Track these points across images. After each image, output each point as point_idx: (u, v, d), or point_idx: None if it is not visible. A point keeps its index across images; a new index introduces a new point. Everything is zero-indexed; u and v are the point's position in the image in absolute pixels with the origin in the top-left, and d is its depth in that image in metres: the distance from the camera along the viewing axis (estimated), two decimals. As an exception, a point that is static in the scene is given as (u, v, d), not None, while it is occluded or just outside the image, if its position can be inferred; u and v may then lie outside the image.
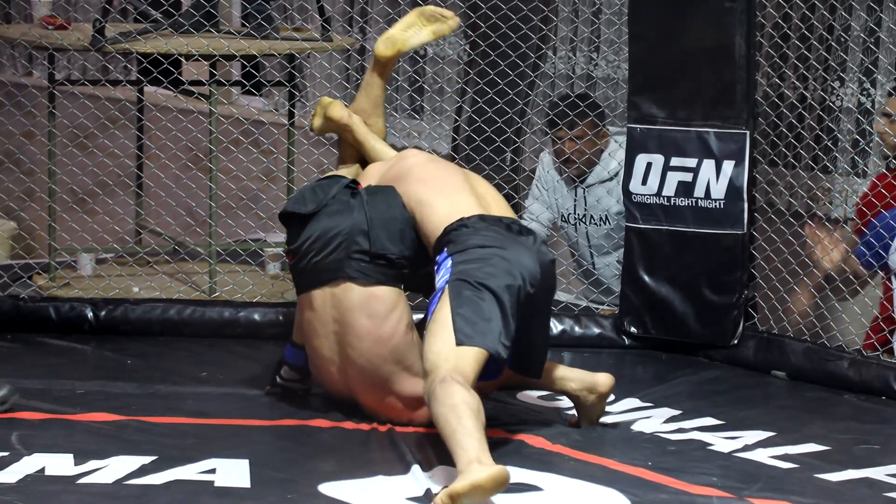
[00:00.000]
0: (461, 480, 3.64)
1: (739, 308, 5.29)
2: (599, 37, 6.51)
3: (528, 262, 4.21)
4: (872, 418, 4.75)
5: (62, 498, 3.72)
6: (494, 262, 4.17)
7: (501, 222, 4.33)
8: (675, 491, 3.93)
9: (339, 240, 4.37)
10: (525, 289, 4.17)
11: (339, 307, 4.35)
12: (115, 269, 5.99)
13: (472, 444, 3.73)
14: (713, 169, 5.27)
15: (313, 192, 4.50)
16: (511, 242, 4.25)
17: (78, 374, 4.88)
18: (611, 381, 4.41)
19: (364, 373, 4.36)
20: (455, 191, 4.43)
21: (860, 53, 5.76)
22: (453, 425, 3.80)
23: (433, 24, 4.83)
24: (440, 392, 3.90)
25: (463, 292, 4.10)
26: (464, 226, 4.28)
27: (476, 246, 4.21)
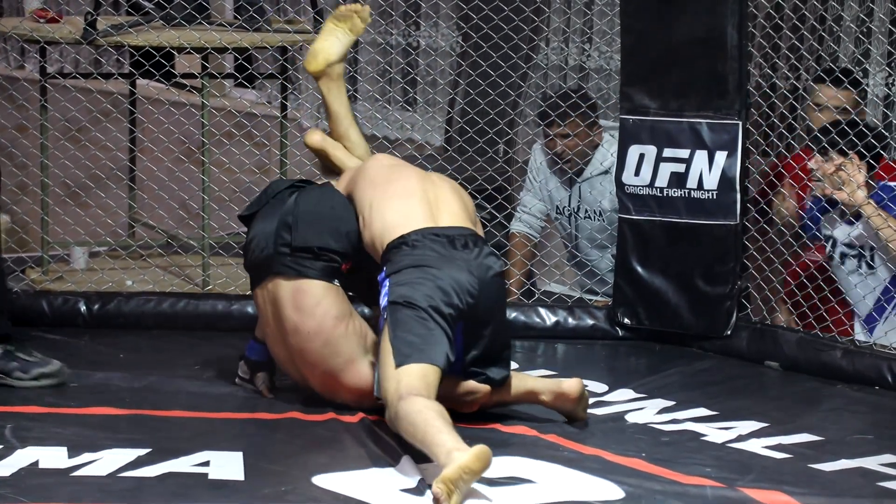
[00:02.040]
0: (448, 468, 3.66)
1: (733, 299, 5.30)
2: (592, 28, 6.51)
3: (461, 278, 4.20)
4: (865, 408, 4.76)
5: (56, 491, 3.71)
6: (426, 280, 4.16)
7: (443, 236, 4.31)
8: (668, 481, 3.94)
9: (270, 236, 4.41)
10: (461, 303, 4.18)
11: (274, 303, 4.41)
12: (109, 262, 5.98)
13: (445, 439, 3.78)
14: (706, 160, 5.27)
15: (262, 193, 4.57)
16: (445, 260, 4.24)
17: (71, 368, 4.86)
18: (578, 385, 4.37)
19: (313, 368, 4.40)
20: (404, 197, 4.40)
21: (851, 43, 5.76)
22: (422, 428, 3.85)
23: (348, 23, 4.87)
24: (401, 410, 3.96)
25: (396, 315, 4.13)
26: (404, 243, 4.27)
27: (410, 266, 4.21)
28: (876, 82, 5.80)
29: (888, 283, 5.21)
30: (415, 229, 4.30)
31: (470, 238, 4.34)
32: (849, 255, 5.28)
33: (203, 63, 5.81)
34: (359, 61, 7.19)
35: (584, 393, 4.41)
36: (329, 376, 4.38)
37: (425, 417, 3.88)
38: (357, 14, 4.86)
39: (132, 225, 6.32)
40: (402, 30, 7.29)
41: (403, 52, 7.22)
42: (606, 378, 4.95)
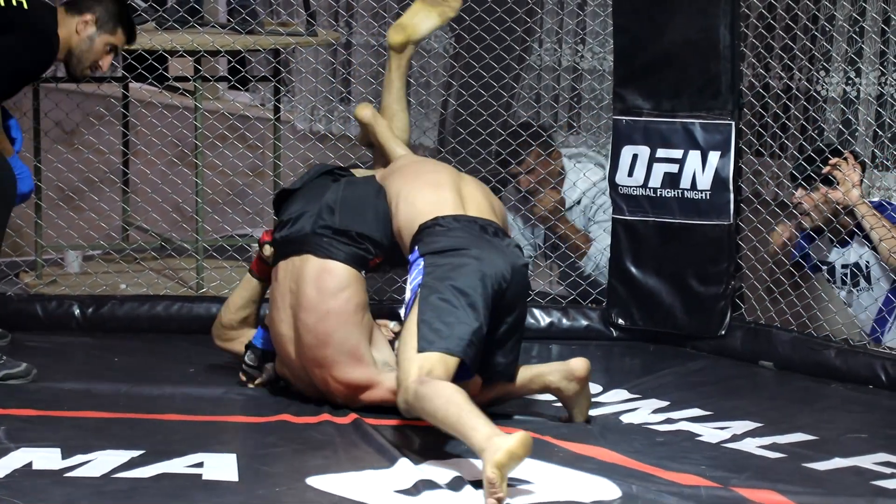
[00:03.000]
0: (496, 453, 3.67)
1: (726, 299, 5.30)
2: (585, 29, 6.51)
3: (498, 263, 4.22)
4: (859, 407, 4.76)
5: (50, 492, 3.71)
6: (464, 262, 4.19)
7: (476, 223, 4.34)
8: (663, 481, 3.93)
9: (310, 215, 4.46)
10: (495, 289, 4.19)
11: (296, 278, 4.42)
12: (102, 265, 5.98)
13: (483, 424, 3.78)
14: (699, 160, 5.28)
15: (304, 174, 4.64)
16: (482, 243, 4.27)
17: (65, 371, 4.88)
18: (585, 364, 4.38)
19: (311, 350, 4.39)
20: (435, 187, 4.46)
21: (844, 43, 5.76)
22: (455, 412, 3.84)
23: (439, 8, 4.97)
24: (424, 391, 3.94)
25: (430, 298, 4.14)
26: (437, 224, 4.31)
27: (447, 248, 4.24)
28: (869, 81, 5.80)
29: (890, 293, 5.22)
30: (446, 214, 4.33)
31: (499, 229, 4.40)
32: (844, 276, 5.29)
33: (196, 66, 5.81)
34: (352, 63, 7.19)
35: (590, 375, 4.39)
36: (328, 361, 4.37)
37: (458, 402, 3.86)
38: (448, 3, 4.96)
39: (126, 228, 6.32)
40: (394, 32, 7.27)
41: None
42: (601, 379, 4.95)
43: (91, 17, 4.81)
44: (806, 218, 5.28)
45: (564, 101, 6.57)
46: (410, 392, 3.99)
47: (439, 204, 4.38)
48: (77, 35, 4.80)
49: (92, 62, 4.86)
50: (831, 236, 5.29)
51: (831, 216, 5.22)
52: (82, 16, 4.81)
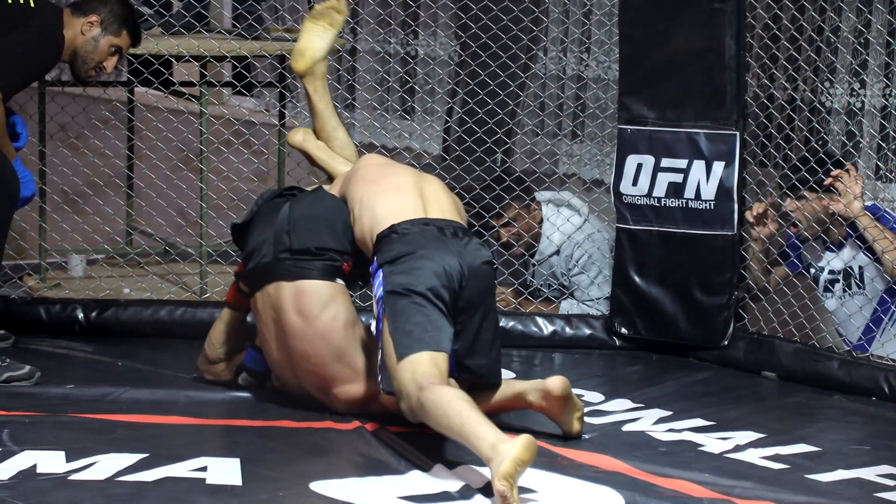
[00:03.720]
0: (502, 464, 3.66)
1: (730, 309, 5.30)
2: (590, 38, 6.52)
3: (451, 261, 4.19)
4: (862, 419, 4.76)
5: (54, 494, 3.72)
6: (418, 265, 4.16)
7: (433, 225, 4.31)
8: (666, 491, 3.93)
9: (269, 242, 4.43)
10: (452, 287, 4.17)
11: (275, 307, 4.41)
12: (106, 269, 5.98)
13: (486, 431, 3.77)
14: (703, 170, 5.28)
15: (253, 204, 4.61)
16: (437, 244, 4.24)
17: (68, 375, 4.88)
18: (561, 383, 4.27)
19: (309, 374, 4.40)
20: (396, 191, 4.41)
21: (849, 55, 5.77)
22: (458, 421, 3.83)
23: (326, 19, 4.89)
24: (426, 400, 3.92)
25: (394, 305, 4.12)
26: (394, 232, 4.27)
27: (401, 254, 4.20)
28: (873, 93, 5.81)
29: (884, 293, 5.22)
30: (405, 219, 4.30)
31: (459, 228, 4.35)
32: (835, 280, 5.30)
33: (202, 71, 5.82)
34: (357, 70, 7.20)
35: (570, 393, 4.30)
36: (329, 381, 4.38)
37: (458, 409, 3.85)
38: (333, 9, 4.88)
39: (130, 232, 6.32)
40: (400, 39, 7.29)
41: (402, 61, 7.23)
42: (603, 388, 4.95)
43: (96, 19, 4.82)
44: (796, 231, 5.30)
45: (569, 109, 6.58)
46: (413, 398, 3.97)
47: (400, 209, 4.34)
48: (82, 36, 4.81)
49: (96, 63, 4.87)
50: (824, 237, 5.29)
51: (825, 219, 5.23)
52: (87, 17, 4.82)
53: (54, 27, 4.77)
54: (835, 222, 5.23)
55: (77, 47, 4.82)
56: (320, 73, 4.87)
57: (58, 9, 4.87)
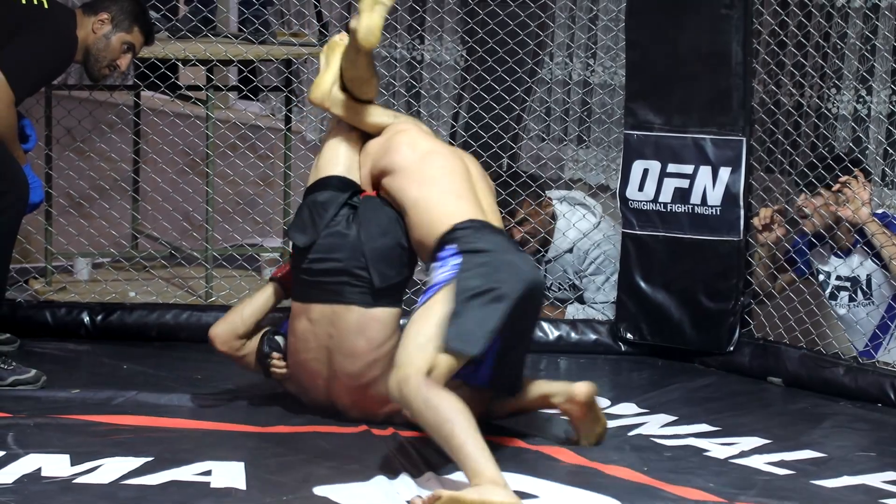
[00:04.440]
0: (474, 493, 3.65)
1: (735, 315, 5.30)
2: (596, 43, 6.52)
3: (528, 272, 4.15)
4: (868, 425, 4.75)
5: (58, 498, 3.72)
6: (501, 267, 4.10)
7: (501, 233, 4.30)
8: (671, 497, 3.93)
9: (339, 271, 4.35)
10: (524, 296, 4.12)
11: (338, 326, 4.36)
12: (112, 273, 5.99)
13: (487, 462, 3.73)
14: (710, 175, 5.28)
15: (311, 219, 4.44)
16: (515, 251, 4.23)
17: (74, 379, 4.88)
18: (587, 388, 4.29)
19: (350, 384, 4.38)
20: (458, 197, 4.32)
21: (856, 61, 5.76)
22: (460, 437, 3.77)
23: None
24: (431, 397, 3.86)
25: (464, 296, 4.03)
26: (471, 227, 4.20)
27: (484, 249, 4.14)
28: (880, 99, 5.80)
29: (892, 300, 5.22)
30: (477, 218, 4.24)
31: (515, 242, 4.35)
32: (842, 287, 5.30)
33: (208, 75, 5.82)
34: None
35: (595, 402, 4.32)
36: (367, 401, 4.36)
37: (465, 426, 3.78)
38: None
39: (136, 236, 6.33)
40: (406, 43, 7.30)
41: (408, 66, 7.23)
42: (609, 393, 4.95)
43: (106, 16, 4.82)
44: (807, 223, 5.28)
45: (575, 115, 6.58)
46: (412, 385, 3.87)
47: (469, 211, 4.26)
48: (93, 34, 4.81)
49: (109, 61, 4.86)
50: (832, 243, 5.28)
51: (833, 224, 5.23)
52: (98, 15, 4.82)
53: (67, 29, 4.78)
54: (843, 228, 5.22)
55: (89, 46, 4.82)
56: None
57: (70, 10, 4.87)
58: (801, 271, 5.40)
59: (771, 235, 5.35)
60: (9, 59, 4.61)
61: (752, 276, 5.37)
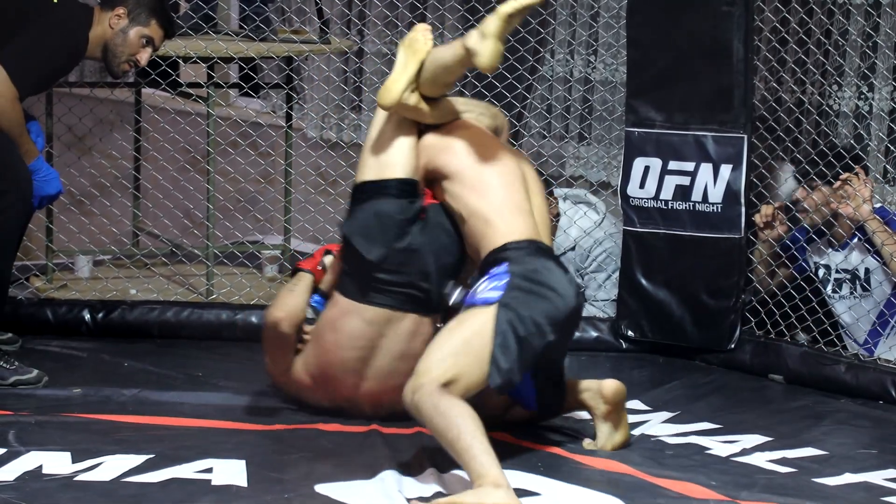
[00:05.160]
0: (472, 497, 3.66)
1: (736, 312, 5.30)
2: (597, 40, 6.51)
3: (572, 298, 4.12)
4: (869, 423, 4.76)
5: (60, 495, 3.72)
6: (548, 297, 4.07)
7: (552, 255, 4.25)
8: (673, 494, 3.94)
9: (406, 284, 4.32)
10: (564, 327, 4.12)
11: (393, 328, 4.34)
12: (113, 270, 5.99)
13: (491, 464, 3.73)
14: (711, 173, 5.28)
15: (380, 230, 4.34)
16: (562, 275, 4.16)
17: (75, 376, 4.88)
18: (615, 385, 4.29)
19: (393, 383, 4.32)
20: (515, 211, 4.26)
21: (857, 58, 5.76)
22: (466, 439, 3.77)
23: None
24: (441, 403, 3.86)
25: (510, 324, 4.00)
26: (525, 248, 4.17)
27: (533, 275, 4.09)
28: (882, 96, 5.80)
29: (892, 296, 5.22)
30: (530, 238, 4.20)
31: (561, 261, 4.30)
32: (842, 281, 5.30)
33: (209, 72, 5.82)
34: (364, 72, 7.20)
35: (621, 403, 4.29)
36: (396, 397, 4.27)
37: (472, 428, 3.79)
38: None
39: (136, 234, 6.32)
40: (407, 41, 7.28)
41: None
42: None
43: (123, 11, 4.78)
44: (806, 217, 5.29)
45: (576, 112, 6.57)
46: (425, 393, 3.88)
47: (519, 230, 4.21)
48: (111, 30, 4.77)
49: (128, 56, 4.81)
50: (832, 239, 5.29)
51: (832, 219, 5.23)
52: (114, 10, 4.78)
53: (76, 26, 4.74)
54: (843, 224, 5.22)
55: (107, 41, 4.77)
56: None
57: (85, 6, 4.84)
58: (801, 269, 5.39)
59: (772, 233, 5.35)
60: (12, 55, 4.59)
61: (753, 273, 5.36)
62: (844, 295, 5.31)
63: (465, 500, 3.66)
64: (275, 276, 6.06)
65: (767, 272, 5.39)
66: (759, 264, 5.37)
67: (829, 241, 5.32)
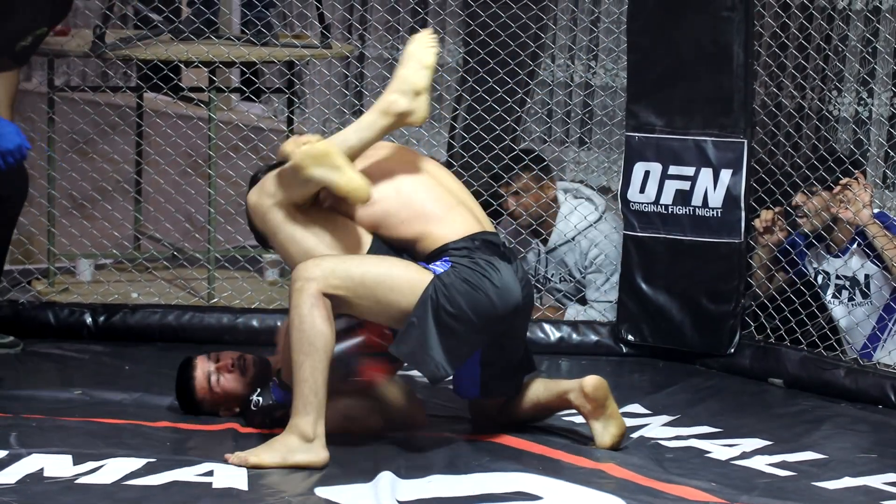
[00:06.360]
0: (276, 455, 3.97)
1: (736, 317, 5.31)
2: (598, 45, 6.53)
3: (513, 294, 4.13)
4: (869, 427, 4.76)
5: (61, 498, 3.72)
6: (483, 289, 4.08)
7: (494, 245, 4.21)
8: (672, 498, 3.94)
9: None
10: (503, 318, 4.13)
11: None
12: (114, 274, 6.00)
13: (308, 413, 3.95)
14: (711, 177, 5.28)
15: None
16: (507, 271, 4.15)
17: (76, 380, 4.89)
18: (594, 380, 4.28)
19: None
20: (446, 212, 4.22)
21: (857, 63, 5.77)
22: (306, 372, 3.94)
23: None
24: (315, 317, 3.94)
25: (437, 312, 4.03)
26: (465, 247, 4.16)
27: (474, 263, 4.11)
28: (881, 102, 5.81)
29: (891, 301, 5.23)
30: (471, 233, 4.17)
31: (506, 246, 4.28)
32: (842, 287, 5.31)
33: (211, 77, 5.83)
34: (365, 76, 7.21)
35: (605, 397, 4.29)
36: None
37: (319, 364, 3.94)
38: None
39: (138, 237, 6.33)
40: (408, 46, 7.29)
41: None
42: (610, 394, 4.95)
43: None
44: (805, 222, 5.29)
45: (577, 117, 6.59)
46: (307, 294, 3.94)
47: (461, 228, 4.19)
48: None
49: None
50: (832, 243, 5.29)
51: (832, 224, 5.24)
52: None
53: None
54: (843, 229, 5.23)
55: None
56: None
57: None
58: (801, 273, 5.40)
59: (772, 238, 5.36)
60: None
61: (752, 277, 5.37)
62: (844, 300, 5.31)
63: (267, 460, 3.94)
64: (276, 280, 6.06)
65: (766, 277, 5.40)
66: (758, 269, 5.38)
67: (828, 247, 5.33)
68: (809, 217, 5.27)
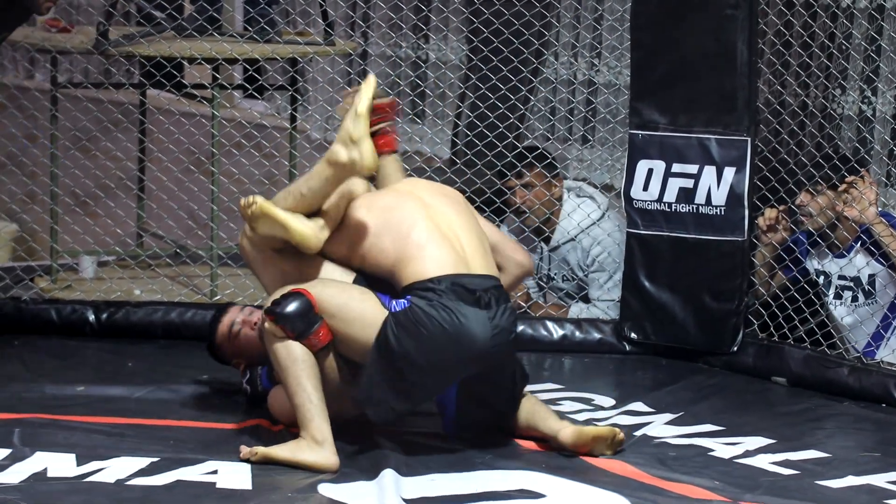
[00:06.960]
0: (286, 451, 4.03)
1: (739, 315, 5.30)
2: (601, 43, 6.52)
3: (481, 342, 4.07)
4: (872, 425, 4.76)
5: (65, 498, 3.72)
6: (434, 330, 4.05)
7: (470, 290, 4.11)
8: (675, 496, 3.94)
9: None
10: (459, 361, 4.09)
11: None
12: (117, 271, 6.00)
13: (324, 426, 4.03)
14: (714, 175, 5.28)
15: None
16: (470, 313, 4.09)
17: (79, 377, 4.88)
18: (571, 437, 4.21)
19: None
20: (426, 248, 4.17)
21: (861, 62, 5.77)
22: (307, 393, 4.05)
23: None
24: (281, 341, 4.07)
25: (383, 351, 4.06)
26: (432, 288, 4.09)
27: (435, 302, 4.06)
28: (886, 100, 5.80)
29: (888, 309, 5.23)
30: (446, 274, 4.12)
31: (493, 292, 4.15)
32: (843, 288, 5.30)
33: (213, 74, 5.83)
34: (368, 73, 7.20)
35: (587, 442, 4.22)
36: None
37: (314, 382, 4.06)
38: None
39: (141, 234, 6.33)
40: (411, 43, 7.31)
41: (413, 65, 7.24)
42: (613, 392, 4.96)
43: None
44: (810, 221, 5.28)
45: (580, 114, 6.58)
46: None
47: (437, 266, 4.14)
48: None
49: None
50: (837, 242, 5.29)
51: (836, 222, 5.23)
52: None
53: None
54: (848, 228, 5.23)
55: None
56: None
57: None
58: (804, 271, 5.39)
59: (776, 236, 5.36)
60: None
61: (755, 276, 5.37)
62: (846, 301, 5.31)
63: (279, 454, 3.99)
64: (279, 278, 6.05)
65: (769, 275, 5.40)
66: (760, 267, 5.38)
67: (830, 247, 5.32)
68: (814, 216, 5.27)
